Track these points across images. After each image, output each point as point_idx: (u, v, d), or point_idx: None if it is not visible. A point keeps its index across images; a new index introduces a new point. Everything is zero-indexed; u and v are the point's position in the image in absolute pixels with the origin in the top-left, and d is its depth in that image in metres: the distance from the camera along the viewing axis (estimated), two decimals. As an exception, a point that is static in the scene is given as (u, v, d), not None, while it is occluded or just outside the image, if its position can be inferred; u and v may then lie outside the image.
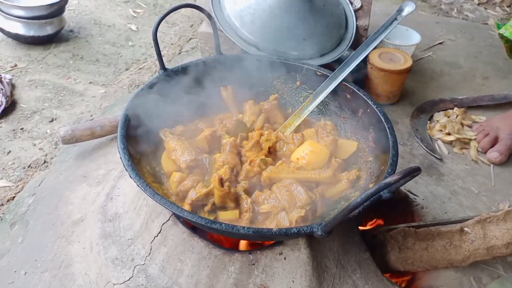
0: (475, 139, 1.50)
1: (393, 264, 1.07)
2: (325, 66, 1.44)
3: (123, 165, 0.82)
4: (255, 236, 0.74)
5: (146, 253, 0.96)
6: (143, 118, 0.98)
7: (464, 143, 1.50)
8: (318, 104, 1.11)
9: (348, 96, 1.10)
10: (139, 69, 1.97)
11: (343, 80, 1.09)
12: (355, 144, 1.06)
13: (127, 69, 1.98)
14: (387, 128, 0.95)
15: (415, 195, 1.26)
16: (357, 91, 1.07)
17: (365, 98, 1.04)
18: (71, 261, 1.06)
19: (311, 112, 1.12)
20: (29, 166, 1.40)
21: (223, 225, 0.73)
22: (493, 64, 1.99)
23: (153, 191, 0.77)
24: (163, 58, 1.11)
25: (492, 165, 1.42)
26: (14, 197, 1.27)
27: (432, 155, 1.44)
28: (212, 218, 0.88)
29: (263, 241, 0.92)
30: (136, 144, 0.93)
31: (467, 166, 1.42)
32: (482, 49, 2.12)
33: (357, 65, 1.11)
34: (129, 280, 0.94)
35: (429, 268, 1.05)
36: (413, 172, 0.62)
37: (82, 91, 1.79)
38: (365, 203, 0.65)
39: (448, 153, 1.47)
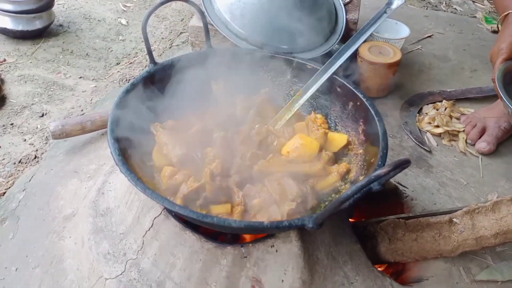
0: (463, 131, 1.51)
1: (383, 255, 1.08)
2: (315, 59, 1.45)
3: (114, 160, 0.82)
4: (246, 229, 0.74)
5: (138, 248, 0.96)
6: (134, 113, 0.98)
7: (453, 135, 1.51)
8: (309, 97, 1.12)
9: (338, 89, 1.10)
10: (130, 63, 1.96)
11: (333, 73, 1.10)
12: (345, 137, 1.06)
13: (117, 64, 1.96)
14: (377, 121, 0.96)
15: (404, 186, 1.28)
16: (347, 85, 1.07)
17: (355, 92, 1.05)
18: (63, 257, 1.06)
19: (302, 105, 1.12)
20: (19, 162, 1.40)
21: (215, 218, 0.74)
22: (481, 57, 2.01)
23: (144, 186, 0.78)
24: (154, 53, 1.11)
25: (480, 156, 1.44)
26: (4, 193, 1.27)
27: (421, 147, 1.45)
28: (204, 212, 0.89)
29: (255, 234, 0.93)
30: (127, 139, 0.92)
31: (456, 158, 1.43)
32: (470, 42, 2.14)
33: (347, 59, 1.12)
34: (121, 274, 0.94)
35: (419, 259, 1.06)
36: (403, 164, 0.63)
37: (73, 86, 1.78)
38: (355, 196, 0.66)
39: (437, 145, 1.48)
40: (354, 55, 1.59)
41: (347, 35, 1.61)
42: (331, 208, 0.68)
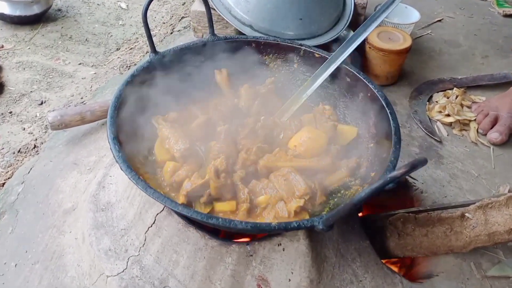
0: (475, 120, 1.47)
1: (392, 251, 1.05)
2: (322, 46, 1.40)
3: (114, 157, 0.78)
4: (253, 230, 0.71)
5: (140, 244, 0.93)
6: (134, 105, 0.94)
7: (464, 125, 1.47)
8: (317, 88, 1.07)
9: (348, 79, 1.06)
10: (130, 49, 1.91)
11: (343, 62, 1.05)
12: (355, 130, 1.02)
13: (117, 49, 1.91)
14: (389, 113, 0.92)
15: (414, 179, 1.24)
16: (357, 74, 1.02)
17: (366, 82, 1.00)
18: (63, 252, 1.03)
19: (309, 96, 1.07)
20: (19, 151, 1.36)
21: (220, 220, 0.70)
22: (492, 43, 1.95)
23: (146, 184, 0.74)
24: (155, 38, 1.06)
25: (492, 147, 1.40)
26: (3, 184, 1.23)
27: (432, 137, 1.41)
28: (208, 210, 0.85)
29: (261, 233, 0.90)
30: (127, 133, 0.88)
31: (467, 148, 1.39)
32: (481, 27, 2.08)
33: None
34: (123, 272, 0.92)
35: (429, 255, 1.04)
36: (420, 165, 0.59)
37: (72, 72, 1.74)
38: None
39: (448, 135, 1.44)
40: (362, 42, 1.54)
41: (355, 21, 1.55)
42: (343, 210, 0.65)
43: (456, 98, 1.53)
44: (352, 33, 1.25)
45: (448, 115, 1.48)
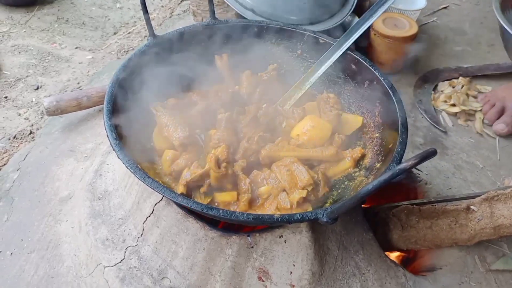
0: (480, 110, 1.44)
1: (395, 243, 1.03)
2: (326, 32, 1.36)
3: (110, 145, 0.75)
4: (255, 222, 0.68)
5: (138, 234, 0.91)
6: (132, 91, 0.90)
7: (469, 115, 1.44)
8: (321, 75, 1.03)
9: (353, 66, 1.02)
10: (128, 33, 1.87)
11: (348, 49, 1.01)
12: (360, 119, 0.99)
13: (115, 33, 1.87)
14: (395, 103, 0.89)
15: (418, 170, 1.21)
16: (363, 61, 0.99)
17: (372, 69, 0.97)
18: (59, 241, 1.01)
19: (313, 83, 1.04)
20: (14, 137, 1.34)
21: (221, 211, 0.67)
22: (498, 31, 1.90)
23: (144, 174, 0.71)
24: (153, 22, 1.02)
25: (497, 138, 1.37)
26: (-1, 170, 1.21)
27: (436, 128, 1.38)
28: (208, 200, 0.83)
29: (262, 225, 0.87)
30: (125, 120, 0.85)
31: (472, 139, 1.37)
32: (487, 15, 2.03)
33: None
34: (120, 262, 0.89)
35: (433, 247, 1.01)
36: (429, 156, 0.57)
37: (68, 56, 1.70)
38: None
39: (453, 125, 1.41)
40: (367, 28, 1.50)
41: (361, 6, 1.51)
42: (349, 204, 0.62)
43: (461, 88, 1.50)
44: (357, 19, 1.21)
45: (454, 105, 1.45)
